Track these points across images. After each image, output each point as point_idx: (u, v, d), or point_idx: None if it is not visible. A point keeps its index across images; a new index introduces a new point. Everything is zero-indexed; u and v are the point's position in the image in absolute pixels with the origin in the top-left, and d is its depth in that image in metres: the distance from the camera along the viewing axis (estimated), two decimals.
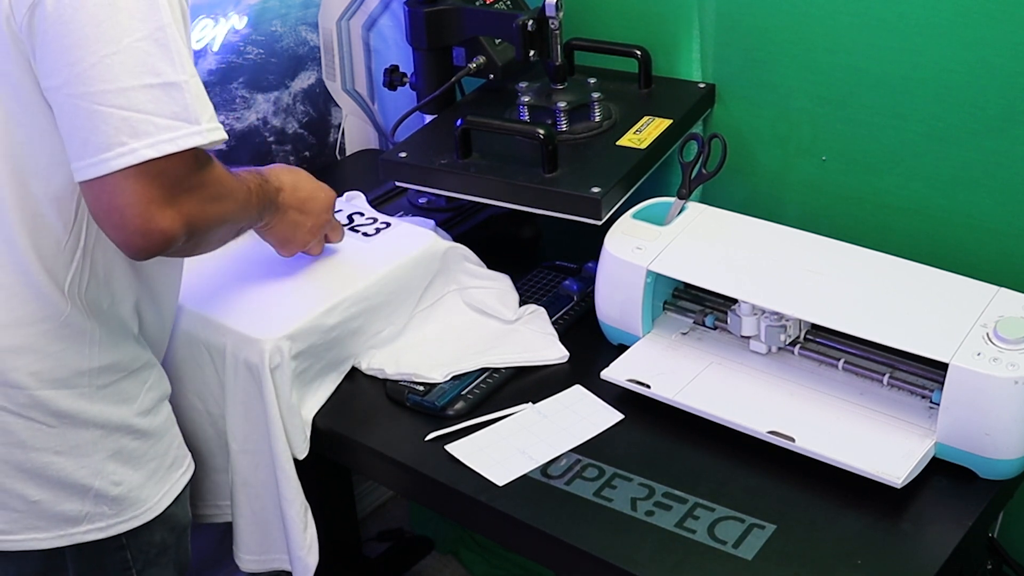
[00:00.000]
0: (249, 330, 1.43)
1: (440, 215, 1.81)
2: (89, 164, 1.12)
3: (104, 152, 1.11)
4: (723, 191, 1.70)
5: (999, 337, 1.27)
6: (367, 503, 2.43)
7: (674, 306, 1.53)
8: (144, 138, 1.11)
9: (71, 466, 1.27)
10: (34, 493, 1.26)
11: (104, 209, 1.14)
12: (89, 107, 1.10)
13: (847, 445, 1.31)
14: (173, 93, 1.12)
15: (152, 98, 1.11)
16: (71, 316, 1.24)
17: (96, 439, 1.28)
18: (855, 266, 1.44)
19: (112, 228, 1.15)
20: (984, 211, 1.52)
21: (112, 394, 1.29)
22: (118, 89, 1.10)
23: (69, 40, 1.09)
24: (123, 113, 1.10)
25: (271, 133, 2.04)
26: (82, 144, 1.12)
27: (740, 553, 1.23)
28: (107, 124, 1.10)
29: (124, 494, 1.31)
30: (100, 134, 1.10)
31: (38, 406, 1.24)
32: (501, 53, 1.73)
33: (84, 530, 1.29)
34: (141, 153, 1.10)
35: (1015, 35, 1.41)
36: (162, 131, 1.11)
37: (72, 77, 1.10)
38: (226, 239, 1.32)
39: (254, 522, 1.51)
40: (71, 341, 1.25)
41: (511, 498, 1.33)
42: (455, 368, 1.50)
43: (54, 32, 1.10)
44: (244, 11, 1.91)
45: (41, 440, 1.25)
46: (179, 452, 1.40)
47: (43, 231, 1.21)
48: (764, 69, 1.66)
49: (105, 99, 1.10)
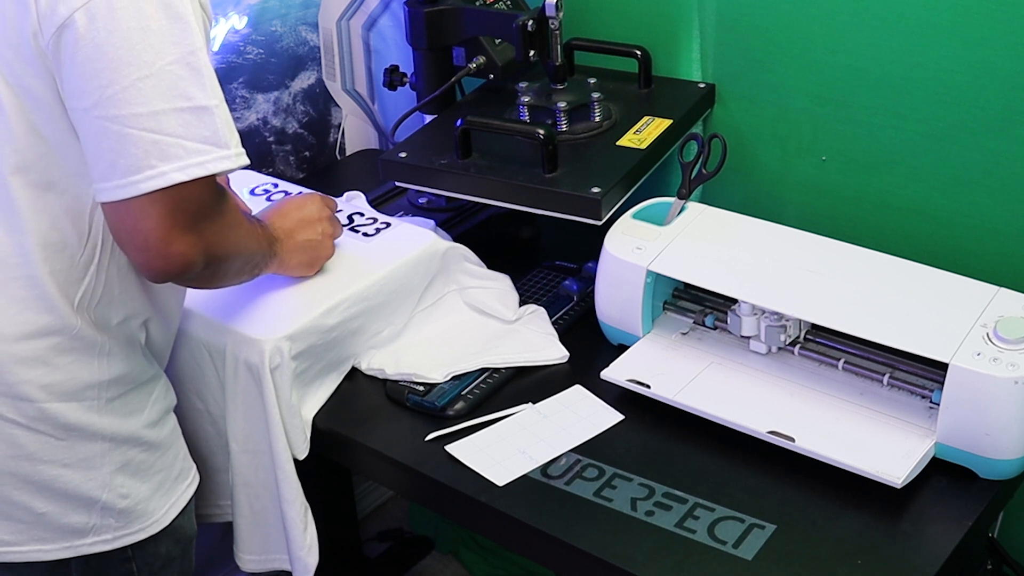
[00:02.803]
0: (249, 330, 1.43)
1: (440, 215, 1.81)
2: (117, 186, 1.12)
3: (133, 175, 1.11)
4: (723, 191, 1.70)
5: (999, 337, 1.27)
6: (367, 503, 2.43)
7: (674, 306, 1.53)
8: (174, 161, 1.11)
9: (79, 478, 1.26)
10: (41, 505, 1.25)
11: (127, 231, 1.15)
12: (120, 130, 1.10)
13: (847, 445, 1.31)
14: (204, 117, 1.12)
15: (183, 122, 1.11)
16: (82, 330, 1.23)
17: (104, 452, 1.28)
18: (855, 266, 1.44)
19: (134, 250, 1.16)
20: (984, 211, 1.52)
21: (120, 407, 1.29)
22: (149, 113, 1.10)
23: (101, 63, 1.09)
24: (153, 136, 1.10)
25: (271, 133, 2.04)
26: (110, 166, 1.12)
27: (740, 553, 1.23)
28: (137, 147, 1.10)
29: (131, 507, 1.31)
30: (129, 156, 1.10)
31: (47, 419, 1.23)
32: (501, 53, 1.73)
33: (90, 542, 1.29)
34: (170, 176, 1.11)
35: (1015, 35, 1.41)
36: (192, 155, 1.12)
37: (103, 99, 1.10)
38: (242, 273, 1.33)
39: (254, 522, 1.51)
40: (81, 354, 1.24)
41: (511, 498, 1.33)
42: (455, 368, 1.50)
43: (85, 54, 1.09)
44: (244, 11, 1.91)
45: (49, 453, 1.24)
46: (185, 464, 1.40)
47: (57, 245, 1.20)
48: (764, 69, 1.66)
49: (136, 122, 1.10)
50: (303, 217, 1.49)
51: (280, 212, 1.48)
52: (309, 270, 1.50)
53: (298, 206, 1.50)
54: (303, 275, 1.50)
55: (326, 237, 1.51)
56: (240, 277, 1.35)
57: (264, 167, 2.03)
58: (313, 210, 1.51)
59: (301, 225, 1.48)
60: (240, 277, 1.35)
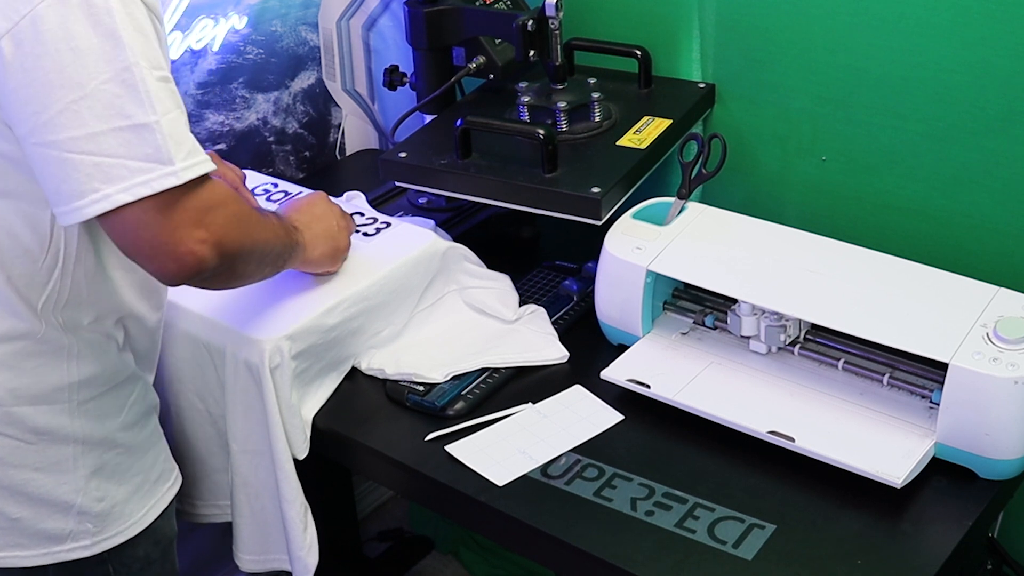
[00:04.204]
0: (249, 330, 1.43)
1: (440, 215, 1.81)
2: (65, 212, 1.09)
3: (78, 200, 1.07)
4: (723, 191, 1.70)
5: (999, 337, 1.27)
6: (367, 503, 2.43)
7: (674, 306, 1.53)
8: (118, 183, 1.07)
9: (51, 482, 1.25)
10: (15, 510, 1.24)
11: (131, 243, 1.12)
12: (59, 155, 1.07)
13: (847, 445, 1.31)
14: (144, 134, 1.08)
15: (123, 141, 1.07)
16: (47, 333, 1.21)
17: (77, 455, 1.26)
18: (855, 266, 1.44)
19: (143, 259, 1.13)
20: (984, 211, 1.52)
21: (93, 409, 1.27)
22: (87, 135, 1.06)
23: (31, 89, 1.06)
24: (94, 159, 1.06)
25: (271, 133, 2.04)
26: (55, 192, 1.09)
27: (740, 553, 1.23)
28: (78, 171, 1.07)
29: (107, 509, 1.29)
30: (72, 182, 1.07)
31: (15, 422, 1.22)
32: (501, 53, 1.73)
33: (67, 548, 1.27)
34: (115, 198, 1.07)
35: (1015, 35, 1.41)
36: (135, 174, 1.07)
37: (39, 126, 1.06)
38: (264, 267, 1.30)
39: (254, 522, 1.51)
40: (48, 357, 1.22)
41: (511, 498, 1.33)
42: (455, 368, 1.50)
43: (16, 82, 1.06)
44: (244, 11, 1.91)
45: (19, 457, 1.23)
46: (166, 466, 1.39)
47: (15, 251, 1.17)
48: (764, 69, 1.66)
49: (75, 146, 1.06)
50: (316, 212, 1.49)
51: (293, 207, 1.48)
52: (332, 264, 1.50)
53: (309, 202, 1.51)
54: (327, 270, 1.50)
55: (342, 229, 1.51)
56: (263, 271, 1.31)
57: (264, 167, 2.03)
58: (324, 205, 1.52)
59: (315, 218, 1.48)
60: (263, 271, 1.31)
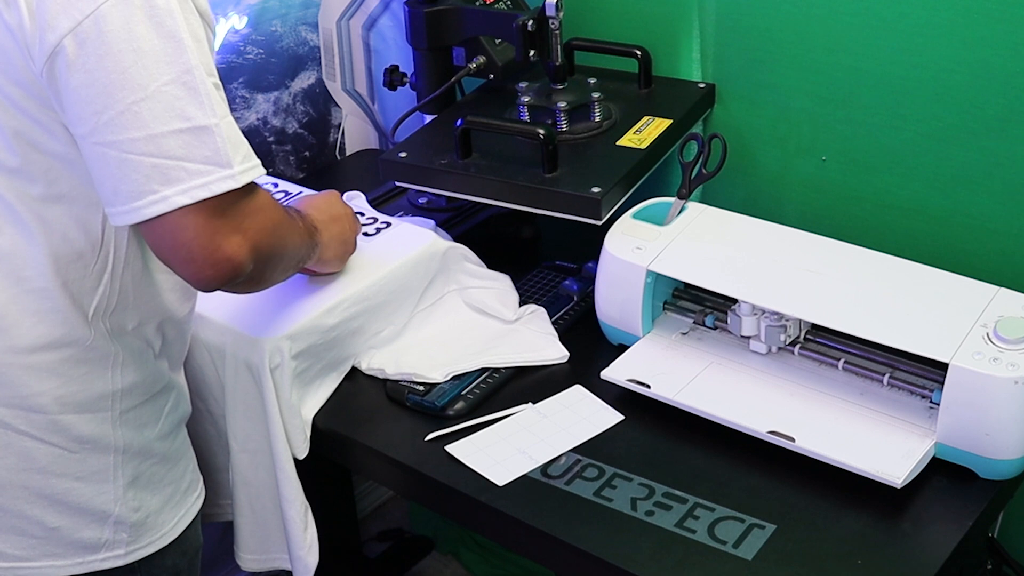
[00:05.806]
0: (249, 330, 1.43)
1: (440, 215, 1.81)
2: (121, 212, 1.10)
3: (135, 200, 1.08)
4: (723, 191, 1.70)
5: (999, 337, 1.27)
6: (367, 503, 2.43)
7: (674, 306, 1.53)
8: (176, 184, 1.08)
9: (91, 492, 1.25)
10: (53, 520, 1.23)
11: (169, 247, 1.12)
12: (118, 156, 1.08)
13: (847, 445, 1.31)
14: (204, 137, 1.09)
15: (182, 143, 1.08)
16: (95, 341, 1.21)
17: (117, 464, 1.26)
18: (855, 266, 1.44)
19: (180, 263, 1.13)
20: (984, 211, 1.52)
21: (133, 418, 1.27)
22: (147, 136, 1.07)
23: (94, 89, 1.07)
24: (153, 160, 1.07)
25: (271, 133, 2.04)
26: (112, 192, 1.10)
27: (740, 553, 1.23)
28: (137, 172, 1.08)
29: (142, 519, 1.29)
30: (130, 182, 1.08)
31: (59, 430, 1.21)
32: (501, 53, 1.73)
33: (102, 557, 1.27)
34: (173, 200, 1.08)
35: (1015, 35, 1.41)
36: (194, 176, 1.09)
37: (99, 126, 1.07)
38: (288, 269, 1.31)
39: (254, 522, 1.51)
40: (95, 365, 1.22)
41: (511, 498, 1.33)
42: (455, 368, 1.50)
43: (78, 81, 1.07)
44: (244, 11, 1.91)
45: (62, 466, 1.23)
46: (194, 476, 1.39)
47: (70, 256, 1.18)
48: (764, 69, 1.66)
49: (135, 147, 1.07)
50: (333, 212, 1.49)
51: (312, 205, 1.47)
52: (340, 265, 1.50)
53: (327, 202, 1.50)
54: (334, 270, 1.50)
55: (353, 232, 1.52)
56: (286, 273, 1.31)
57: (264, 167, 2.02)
58: (340, 206, 1.51)
59: (333, 219, 1.48)
60: (286, 273, 1.31)
